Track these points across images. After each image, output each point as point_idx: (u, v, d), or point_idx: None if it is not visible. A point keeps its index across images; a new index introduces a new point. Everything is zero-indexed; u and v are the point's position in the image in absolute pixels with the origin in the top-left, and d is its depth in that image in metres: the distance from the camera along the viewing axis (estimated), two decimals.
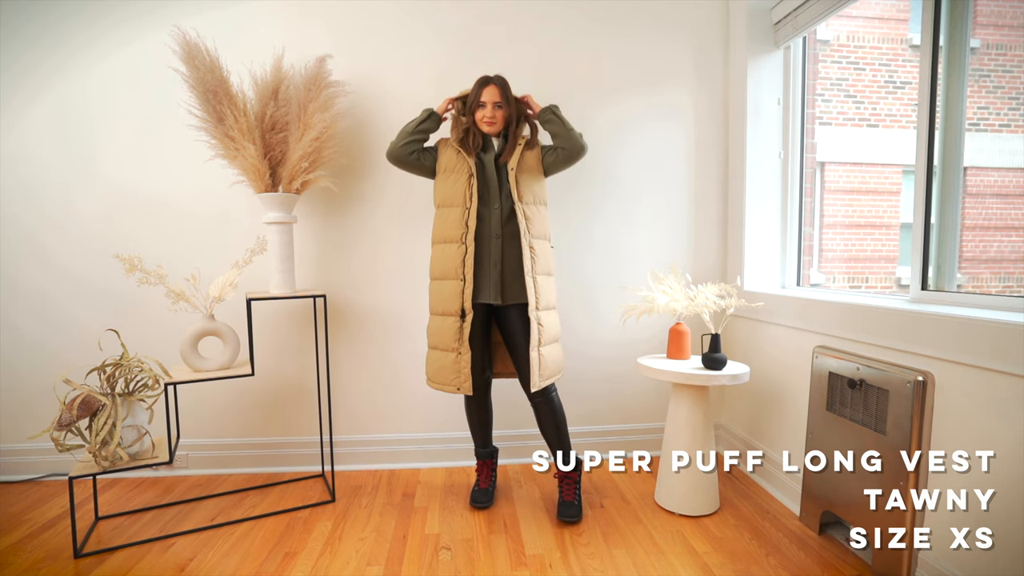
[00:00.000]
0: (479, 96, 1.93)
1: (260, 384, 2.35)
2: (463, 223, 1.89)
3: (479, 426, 2.09)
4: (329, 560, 1.70)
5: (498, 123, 1.93)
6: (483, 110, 1.93)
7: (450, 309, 1.90)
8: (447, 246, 1.91)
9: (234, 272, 1.97)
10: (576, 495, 1.97)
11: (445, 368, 1.92)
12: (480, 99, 1.93)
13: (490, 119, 1.92)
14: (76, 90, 2.23)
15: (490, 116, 1.92)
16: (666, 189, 2.49)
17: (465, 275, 1.88)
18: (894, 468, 1.53)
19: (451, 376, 1.91)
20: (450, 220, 1.91)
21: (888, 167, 6.32)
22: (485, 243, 1.90)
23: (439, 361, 1.94)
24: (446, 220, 1.92)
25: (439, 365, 1.94)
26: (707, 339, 2.00)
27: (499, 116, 1.92)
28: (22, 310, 2.27)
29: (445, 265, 1.91)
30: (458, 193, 1.91)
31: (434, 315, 1.98)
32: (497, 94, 1.92)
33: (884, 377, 1.58)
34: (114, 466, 1.75)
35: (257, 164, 1.96)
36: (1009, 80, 5.92)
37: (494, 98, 1.92)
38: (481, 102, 1.93)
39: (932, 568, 1.46)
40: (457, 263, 1.89)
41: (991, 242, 5.76)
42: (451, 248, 1.90)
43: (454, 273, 1.89)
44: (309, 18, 2.28)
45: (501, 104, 1.93)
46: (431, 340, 1.98)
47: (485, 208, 1.92)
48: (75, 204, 2.25)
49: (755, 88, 2.36)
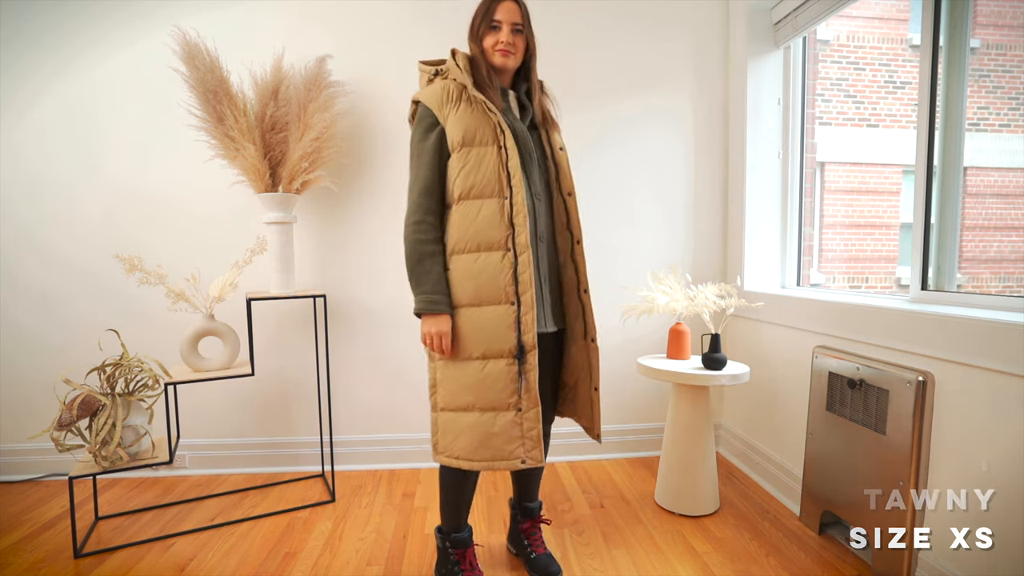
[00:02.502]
0: (491, 12, 1.37)
1: (260, 384, 2.35)
2: (505, 220, 1.33)
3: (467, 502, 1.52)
4: (329, 560, 1.70)
5: (518, 54, 1.39)
6: (496, 34, 1.37)
7: (496, 349, 1.34)
8: (483, 256, 1.35)
9: (234, 272, 1.97)
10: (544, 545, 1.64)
11: (497, 435, 1.34)
12: (493, 18, 1.36)
13: (506, 46, 1.36)
14: (78, 90, 2.22)
15: (507, 42, 1.36)
16: (666, 189, 2.49)
17: (520, 295, 1.32)
18: (894, 468, 1.53)
19: (509, 446, 1.34)
20: (482, 217, 1.33)
21: (888, 167, 6.32)
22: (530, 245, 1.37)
23: (481, 428, 1.35)
24: (475, 218, 1.34)
25: (482, 434, 1.35)
26: (707, 339, 1.99)
27: (519, 44, 1.39)
28: (23, 308, 2.27)
29: (483, 284, 1.34)
30: (489, 174, 1.33)
31: (463, 361, 1.37)
32: (517, 12, 1.37)
33: (884, 377, 1.58)
34: (114, 466, 1.75)
35: (257, 164, 1.96)
36: (1009, 80, 5.92)
37: (514, 17, 1.36)
38: (494, 22, 1.36)
39: (932, 568, 1.46)
40: (505, 280, 1.33)
41: (991, 242, 5.76)
42: (491, 259, 1.34)
43: (501, 295, 1.34)
44: (309, 18, 2.28)
45: (522, 28, 1.38)
46: (454, 399, 1.38)
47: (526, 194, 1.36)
48: (77, 203, 2.25)
49: (755, 88, 2.36)
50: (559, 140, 1.47)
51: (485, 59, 1.39)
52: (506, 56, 1.37)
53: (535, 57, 1.44)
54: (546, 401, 1.49)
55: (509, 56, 1.37)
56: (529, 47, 1.42)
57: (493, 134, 1.33)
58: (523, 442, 1.34)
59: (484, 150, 1.34)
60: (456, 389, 1.38)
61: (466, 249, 1.37)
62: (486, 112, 1.34)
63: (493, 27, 1.37)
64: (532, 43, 1.42)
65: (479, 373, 1.35)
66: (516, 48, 1.38)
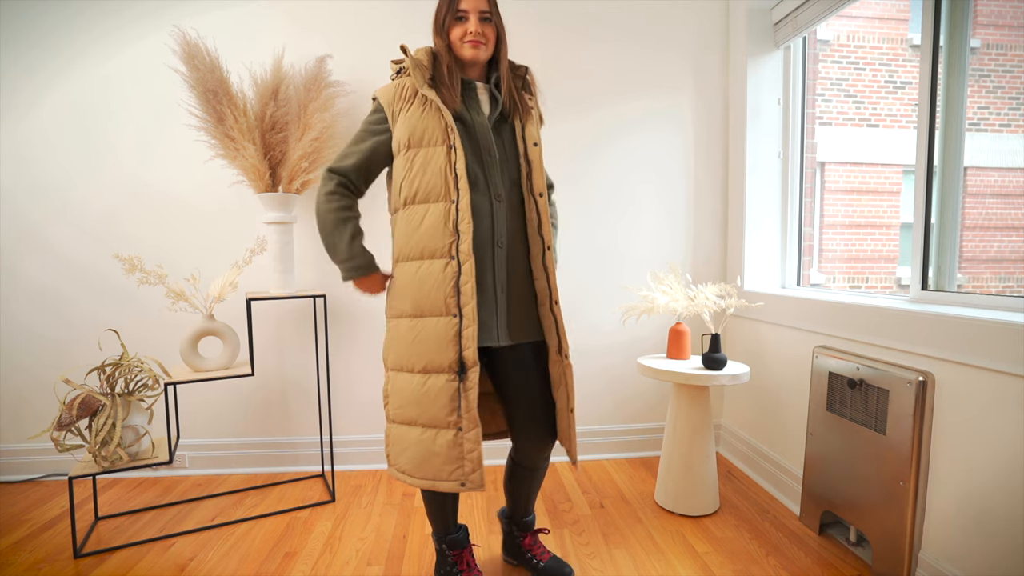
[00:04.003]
0: (456, 3, 1.29)
1: (260, 384, 2.35)
2: (449, 226, 1.24)
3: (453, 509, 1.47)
4: (329, 560, 1.70)
5: (489, 45, 1.32)
6: (463, 24, 1.29)
7: (436, 363, 1.26)
8: (425, 264, 1.28)
9: (234, 272, 1.97)
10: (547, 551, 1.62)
11: (436, 455, 1.27)
12: (459, 7, 1.29)
13: (475, 37, 1.29)
14: (80, 90, 2.22)
15: (475, 33, 1.29)
16: (666, 189, 2.49)
17: (461, 307, 1.24)
18: (894, 468, 1.53)
19: (448, 466, 1.27)
20: (427, 223, 1.27)
21: (888, 167, 6.32)
22: (482, 253, 1.30)
23: (423, 445, 1.28)
24: (419, 224, 1.28)
25: (424, 452, 1.28)
26: (707, 339, 2.00)
27: (489, 34, 1.31)
28: (24, 308, 2.27)
29: (424, 294, 1.27)
30: (435, 177, 1.26)
31: (402, 372, 1.32)
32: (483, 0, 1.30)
33: (884, 377, 1.58)
34: (114, 466, 1.75)
35: (257, 164, 1.96)
36: (1009, 80, 5.93)
37: (481, 5, 1.29)
38: (460, 12, 1.29)
39: (932, 568, 1.46)
40: (447, 290, 1.25)
41: (991, 242, 5.76)
42: (433, 267, 1.27)
43: (442, 306, 1.26)
44: (309, 18, 2.28)
45: (489, 16, 1.31)
46: (401, 412, 1.32)
47: (481, 197, 1.29)
48: (78, 203, 2.25)
49: (755, 88, 2.36)
50: (534, 134, 1.34)
51: (452, 53, 1.32)
52: (476, 47, 1.30)
53: (505, 43, 1.35)
54: (538, 422, 1.41)
55: (480, 47, 1.30)
56: (499, 34, 1.34)
57: (444, 134, 1.26)
58: (462, 464, 1.26)
59: (432, 151, 1.26)
60: (402, 402, 1.32)
61: (410, 256, 1.31)
62: (438, 111, 1.27)
63: (459, 18, 1.29)
64: (502, 30, 1.34)
65: (421, 388, 1.28)
66: (487, 38, 1.30)
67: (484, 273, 1.30)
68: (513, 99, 1.35)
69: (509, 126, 1.36)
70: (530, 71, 1.42)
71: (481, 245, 1.30)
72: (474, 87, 1.36)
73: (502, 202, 1.31)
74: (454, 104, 1.29)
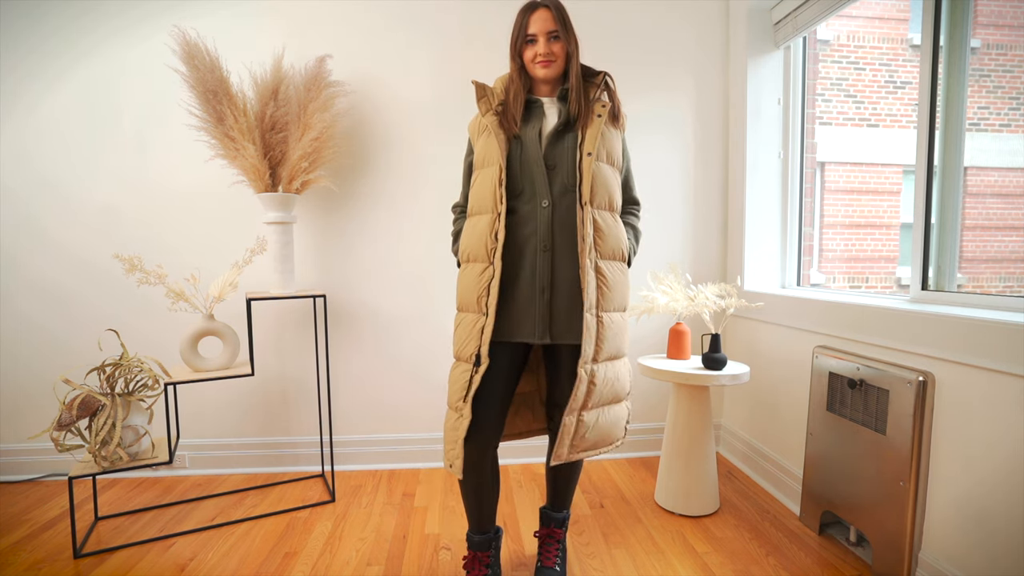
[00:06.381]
0: (525, 27, 1.38)
1: (260, 384, 2.35)
2: (492, 234, 1.36)
3: (477, 505, 1.49)
4: (329, 560, 1.70)
5: (559, 61, 1.40)
6: (533, 47, 1.38)
7: (465, 352, 1.40)
8: (470, 267, 1.42)
9: (234, 272, 1.97)
10: (559, 559, 1.60)
11: (447, 433, 1.42)
12: (527, 31, 1.38)
13: (545, 58, 1.38)
14: (81, 90, 2.22)
15: (545, 53, 1.37)
16: (666, 189, 2.49)
17: (488, 306, 1.36)
18: (894, 468, 1.53)
19: (447, 445, 1.41)
20: (476, 232, 1.40)
21: (888, 167, 6.32)
22: (525, 256, 1.37)
23: (447, 424, 1.44)
24: (472, 232, 1.42)
25: (446, 431, 1.44)
26: (707, 339, 2.00)
27: (558, 51, 1.39)
28: (25, 307, 2.27)
29: (467, 292, 1.42)
30: (486, 193, 1.39)
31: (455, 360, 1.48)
32: (551, 19, 1.37)
33: (884, 377, 1.58)
34: (114, 466, 1.75)
35: (257, 164, 1.96)
36: (1009, 80, 5.93)
37: (548, 26, 1.37)
38: (529, 35, 1.38)
39: (932, 568, 1.46)
40: (480, 290, 1.38)
41: (991, 242, 5.77)
42: (475, 270, 1.40)
43: (475, 304, 1.39)
44: (309, 18, 2.28)
45: (558, 34, 1.38)
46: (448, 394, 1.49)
47: (526, 204, 1.37)
48: (79, 202, 2.25)
49: (755, 88, 2.36)
50: (589, 144, 1.37)
51: (525, 74, 1.43)
52: (547, 67, 1.39)
53: (575, 58, 1.40)
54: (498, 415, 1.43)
55: (550, 66, 1.39)
56: (568, 50, 1.40)
57: (498, 155, 1.38)
58: (454, 446, 1.38)
59: (488, 171, 1.40)
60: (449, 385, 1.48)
61: (466, 259, 1.45)
62: (496, 136, 1.39)
63: (529, 41, 1.39)
64: (572, 45, 1.40)
65: (455, 373, 1.43)
66: (555, 55, 1.39)
67: (522, 274, 1.38)
68: (581, 104, 1.41)
69: (572, 135, 1.40)
70: (609, 76, 1.47)
71: (521, 248, 1.38)
72: (540, 104, 1.45)
73: (548, 208, 1.36)
74: (512, 129, 1.39)
